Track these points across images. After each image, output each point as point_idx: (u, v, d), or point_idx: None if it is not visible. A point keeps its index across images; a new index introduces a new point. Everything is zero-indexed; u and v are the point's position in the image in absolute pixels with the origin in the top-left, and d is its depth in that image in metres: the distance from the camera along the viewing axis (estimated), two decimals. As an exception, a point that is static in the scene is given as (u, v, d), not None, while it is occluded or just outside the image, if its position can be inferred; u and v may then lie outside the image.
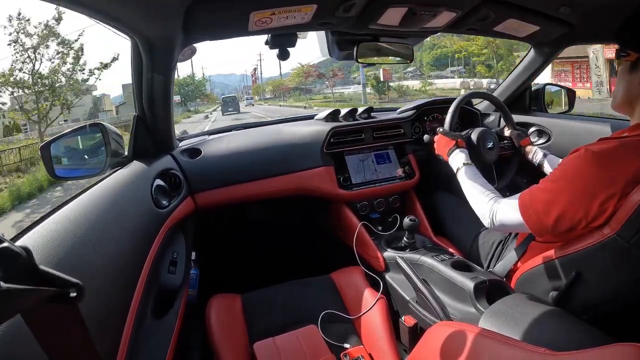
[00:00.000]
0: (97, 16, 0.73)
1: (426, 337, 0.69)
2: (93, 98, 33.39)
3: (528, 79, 1.61)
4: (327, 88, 43.03)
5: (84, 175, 0.98)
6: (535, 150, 1.27)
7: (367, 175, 1.46)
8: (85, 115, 30.66)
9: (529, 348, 0.52)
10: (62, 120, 20.50)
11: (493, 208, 0.89)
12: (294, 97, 43.95)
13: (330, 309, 1.10)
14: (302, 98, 39.45)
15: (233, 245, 1.67)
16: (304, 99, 36.71)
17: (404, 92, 26.88)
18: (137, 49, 0.95)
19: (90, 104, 32.84)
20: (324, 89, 44.35)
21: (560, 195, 0.76)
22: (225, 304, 1.10)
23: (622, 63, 0.81)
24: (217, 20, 0.92)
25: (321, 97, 38.41)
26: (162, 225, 0.95)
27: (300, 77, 38.48)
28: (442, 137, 1.20)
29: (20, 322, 0.30)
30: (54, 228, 0.58)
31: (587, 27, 1.21)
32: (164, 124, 1.15)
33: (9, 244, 0.27)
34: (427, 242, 1.33)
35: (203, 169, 1.30)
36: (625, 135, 0.77)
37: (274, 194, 1.36)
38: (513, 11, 1.12)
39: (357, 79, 35.76)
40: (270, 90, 55.09)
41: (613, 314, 0.78)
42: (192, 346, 1.06)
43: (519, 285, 0.98)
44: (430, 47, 38.03)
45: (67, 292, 0.30)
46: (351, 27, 1.14)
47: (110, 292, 0.63)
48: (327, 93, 40.87)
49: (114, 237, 0.71)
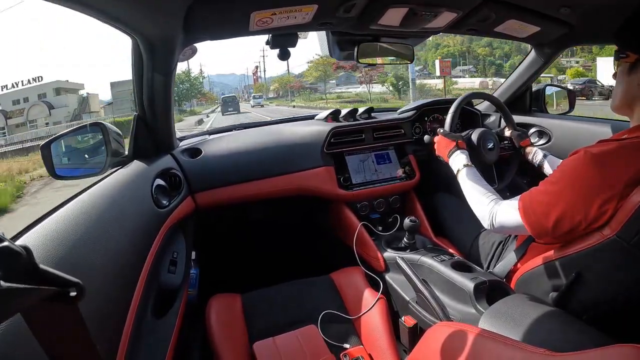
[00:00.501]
0: (98, 16, 0.73)
1: (426, 337, 0.68)
2: (78, 98, 30.87)
3: (528, 79, 1.61)
4: (335, 87, 38.92)
5: (85, 174, 0.98)
6: (535, 151, 1.27)
7: (367, 175, 1.46)
8: (69, 117, 28.23)
9: (529, 349, 0.52)
10: (44, 124, 19.24)
11: (493, 210, 0.89)
12: (302, 96, 37.55)
13: (330, 309, 1.10)
14: (313, 97, 34.02)
15: (233, 245, 1.67)
16: (315, 99, 31.53)
17: (426, 91, 24.37)
18: (138, 49, 0.95)
19: (75, 104, 30.42)
20: (331, 88, 39.29)
21: (560, 198, 0.76)
22: (225, 304, 1.10)
23: (621, 64, 0.81)
24: (218, 20, 0.92)
25: (334, 97, 32.73)
26: (162, 225, 0.95)
27: (319, 72, 30.87)
28: (442, 138, 1.20)
29: (20, 322, 0.30)
30: (54, 227, 0.58)
31: (587, 28, 1.21)
32: (164, 123, 1.15)
33: (9, 243, 0.27)
34: (427, 242, 1.32)
35: (203, 168, 1.30)
36: (625, 137, 0.77)
37: (274, 194, 1.36)
38: (513, 12, 1.12)
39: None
40: (274, 90, 50.93)
41: (613, 315, 0.78)
42: (192, 346, 1.06)
43: (518, 286, 0.98)
44: (435, 46, 37.60)
45: (67, 291, 0.30)
46: (352, 28, 1.14)
47: (110, 291, 0.63)
48: (338, 92, 36.14)
49: (114, 237, 0.71)
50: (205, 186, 1.27)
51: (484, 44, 33.93)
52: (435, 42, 35.74)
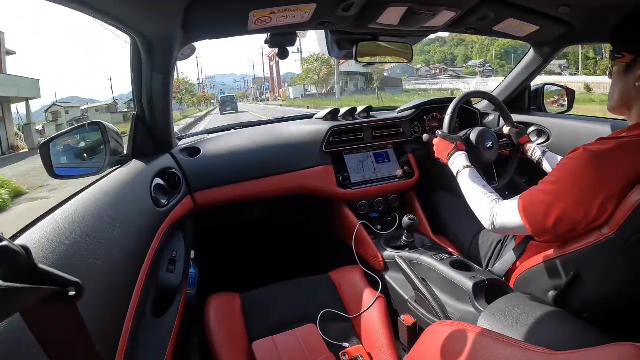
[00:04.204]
0: (97, 15, 0.73)
1: (425, 336, 0.69)
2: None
3: (527, 78, 1.61)
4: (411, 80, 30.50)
5: (83, 174, 0.98)
6: (534, 147, 1.27)
7: (366, 174, 1.46)
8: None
9: (528, 347, 0.52)
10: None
11: (493, 211, 0.90)
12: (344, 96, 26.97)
13: (329, 308, 1.10)
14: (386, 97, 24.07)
15: (232, 244, 1.67)
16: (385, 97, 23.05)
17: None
18: (137, 48, 0.94)
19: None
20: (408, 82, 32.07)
21: (560, 197, 0.76)
22: (225, 303, 1.10)
23: (616, 65, 0.81)
24: (217, 19, 0.92)
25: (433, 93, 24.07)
26: (161, 224, 0.95)
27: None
28: (441, 140, 1.20)
29: (19, 321, 0.30)
30: (53, 227, 0.58)
31: (587, 27, 1.21)
32: (163, 122, 1.15)
33: (8, 242, 0.27)
34: (426, 241, 1.33)
35: (202, 167, 1.30)
36: (624, 136, 0.77)
37: (273, 193, 1.36)
38: (512, 11, 1.12)
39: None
40: (320, 80, 31.57)
41: (612, 314, 0.78)
42: (191, 345, 1.06)
43: (518, 285, 0.98)
44: (443, 43, 36.67)
45: (66, 291, 0.30)
46: (350, 27, 1.14)
47: (109, 291, 0.63)
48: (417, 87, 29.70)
49: (113, 236, 0.71)
50: (204, 185, 1.27)
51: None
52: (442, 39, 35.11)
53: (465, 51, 57.10)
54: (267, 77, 56.13)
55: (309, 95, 34.94)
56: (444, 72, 46.05)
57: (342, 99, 23.39)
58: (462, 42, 54.24)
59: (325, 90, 33.93)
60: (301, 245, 1.72)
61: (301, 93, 36.81)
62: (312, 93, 35.50)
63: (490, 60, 27.44)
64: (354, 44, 1.28)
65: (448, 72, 44.95)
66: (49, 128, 25.26)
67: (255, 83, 69.46)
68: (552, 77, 21.10)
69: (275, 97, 46.23)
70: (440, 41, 71.30)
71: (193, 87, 41.99)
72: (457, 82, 29.28)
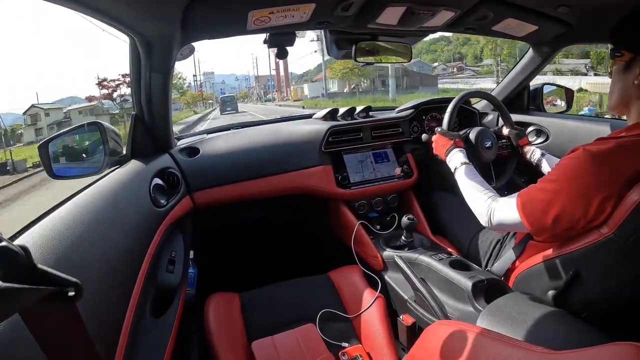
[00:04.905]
0: (96, 15, 0.73)
1: (424, 336, 0.69)
2: None
3: (526, 78, 1.61)
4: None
5: (82, 174, 0.98)
6: (533, 149, 1.27)
7: (365, 174, 1.46)
8: None
9: (527, 347, 0.52)
10: None
11: (491, 207, 0.90)
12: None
13: (329, 308, 1.10)
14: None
15: (231, 244, 1.67)
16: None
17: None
18: (136, 48, 0.94)
19: None
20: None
21: (559, 195, 0.76)
22: (224, 303, 1.10)
23: (616, 63, 0.81)
24: (216, 19, 0.92)
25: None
26: (161, 224, 0.95)
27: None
28: (440, 137, 1.20)
29: (18, 322, 0.30)
30: (52, 227, 0.58)
31: (586, 27, 1.21)
32: (162, 122, 1.15)
33: (7, 243, 0.27)
34: (425, 241, 1.33)
35: (201, 167, 1.30)
36: (623, 135, 0.77)
37: (272, 192, 1.36)
38: (511, 11, 1.12)
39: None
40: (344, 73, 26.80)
41: (611, 313, 0.78)
42: (190, 345, 1.05)
43: (517, 284, 0.98)
44: (448, 42, 36.41)
45: (66, 291, 0.29)
46: (349, 26, 1.14)
47: (108, 291, 0.63)
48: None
49: (113, 236, 0.71)
50: (203, 185, 1.27)
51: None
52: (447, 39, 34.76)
53: (474, 50, 56.54)
54: (273, 75, 50.04)
55: (332, 95, 28.51)
56: (462, 71, 45.28)
57: (397, 99, 17.89)
58: (468, 40, 53.90)
59: (347, 88, 29.85)
60: (300, 245, 1.72)
61: (320, 92, 30.70)
62: (333, 92, 29.99)
63: (505, 59, 26.60)
64: (353, 43, 1.27)
65: (467, 71, 44.37)
66: (28, 132, 23.95)
67: (259, 81, 63.25)
68: (579, 77, 20.47)
69: (283, 97, 41.22)
70: (445, 40, 71.05)
71: (183, 83, 37.39)
72: (483, 82, 26.46)
